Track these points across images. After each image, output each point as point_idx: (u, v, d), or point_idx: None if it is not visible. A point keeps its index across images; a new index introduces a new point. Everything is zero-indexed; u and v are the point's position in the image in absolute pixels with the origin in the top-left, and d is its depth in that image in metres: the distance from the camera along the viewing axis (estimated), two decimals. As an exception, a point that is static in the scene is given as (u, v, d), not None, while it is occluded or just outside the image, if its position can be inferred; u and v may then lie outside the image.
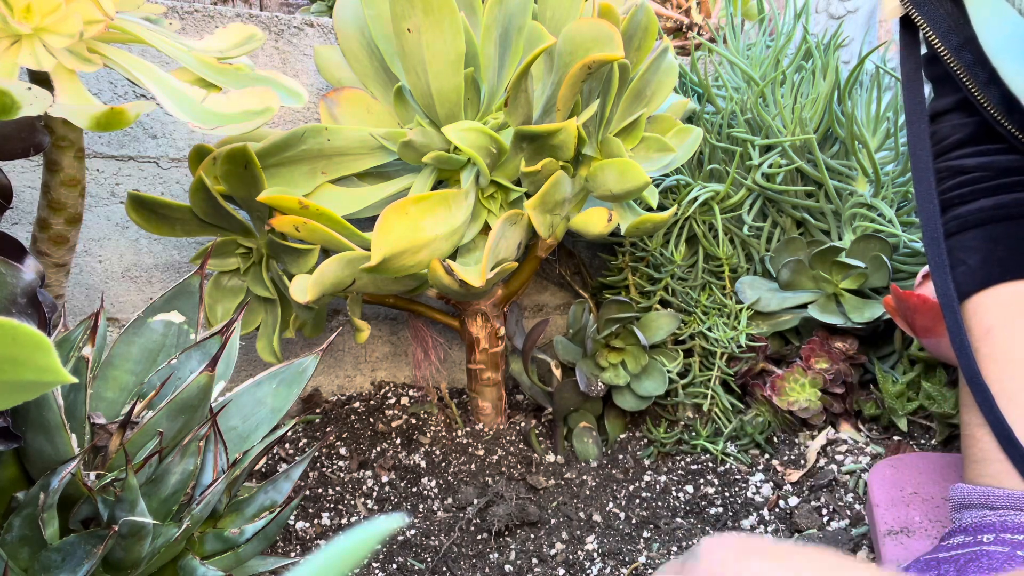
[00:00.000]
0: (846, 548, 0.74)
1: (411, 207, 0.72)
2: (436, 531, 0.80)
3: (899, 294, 0.75)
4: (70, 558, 0.50)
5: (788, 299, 0.94)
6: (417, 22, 0.71)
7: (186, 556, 0.57)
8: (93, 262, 0.92)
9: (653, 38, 0.83)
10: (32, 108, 0.51)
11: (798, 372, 0.89)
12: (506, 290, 0.93)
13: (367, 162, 0.84)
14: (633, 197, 0.83)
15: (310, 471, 0.89)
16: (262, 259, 0.85)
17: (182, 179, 0.94)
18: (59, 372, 0.32)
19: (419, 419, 0.99)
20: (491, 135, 0.76)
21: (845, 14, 1.34)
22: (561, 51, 0.74)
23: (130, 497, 0.50)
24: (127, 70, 0.59)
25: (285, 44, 0.95)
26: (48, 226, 0.67)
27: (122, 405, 0.61)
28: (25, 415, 0.51)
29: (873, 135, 0.95)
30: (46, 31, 0.55)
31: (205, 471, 0.57)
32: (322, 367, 1.05)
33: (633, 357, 0.94)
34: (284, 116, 0.96)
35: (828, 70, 0.95)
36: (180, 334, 0.64)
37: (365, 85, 0.87)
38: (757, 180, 0.97)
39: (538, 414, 1.02)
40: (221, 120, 0.59)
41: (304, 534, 0.80)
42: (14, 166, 0.86)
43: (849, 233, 0.95)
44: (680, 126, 0.89)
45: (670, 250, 1.00)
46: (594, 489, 0.88)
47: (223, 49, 0.69)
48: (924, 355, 0.87)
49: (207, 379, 0.54)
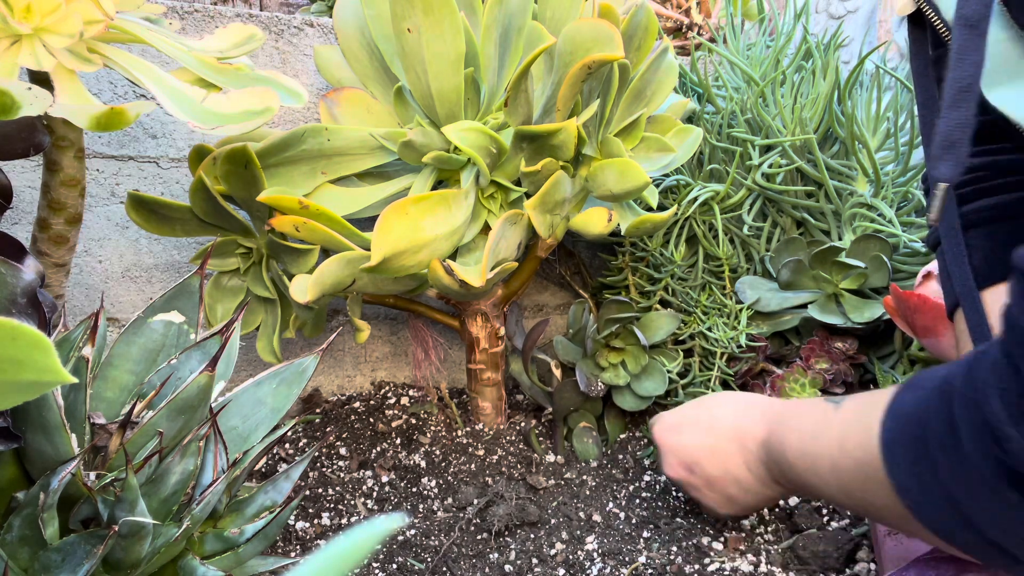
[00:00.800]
0: (846, 548, 0.74)
1: (411, 207, 0.72)
2: (436, 531, 0.80)
3: (899, 294, 0.75)
4: (70, 558, 0.50)
5: (788, 299, 0.94)
6: (417, 22, 0.71)
7: (186, 556, 0.57)
8: (93, 262, 0.92)
9: (653, 38, 0.83)
10: (32, 108, 0.51)
11: (798, 372, 0.89)
12: (506, 290, 0.93)
13: (367, 162, 0.84)
14: (633, 197, 0.83)
15: (310, 471, 0.89)
16: (262, 259, 0.85)
17: (182, 179, 0.94)
18: (59, 372, 0.32)
19: (419, 419, 0.99)
20: (491, 135, 0.76)
21: (845, 14, 1.34)
22: (561, 51, 0.74)
23: (130, 497, 0.50)
24: (127, 70, 0.59)
25: (285, 44, 0.95)
26: (48, 226, 0.67)
27: (122, 405, 0.61)
28: (25, 415, 0.51)
29: (873, 135, 0.95)
30: (46, 31, 0.55)
31: (205, 471, 0.57)
32: (322, 367, 1.05)
33: (633, 357, 0.94)
34: (284, 116, 0.96)
35: (828, 70, 0.95)
36: (180, 334, 0.64)
37: (365, 85, 0.87)
38: (757, 180, 0.97)
39: (538, 414, 1.02)
40: (221, 120, 0.59)
41: (304, 534, 0.80)
42: (14, 166, 0.86)
43: (849, 233, 0.95)
44: (680, 126, 0.89)
45: (670, 250, 1.00)
46: (594, 489, 0.88)
47: (223, 49, 0.69)
48: (924, 355, 0.86)
49: (207, 379, 0.54)
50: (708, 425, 0.73)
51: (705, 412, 0.75)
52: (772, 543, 0.77)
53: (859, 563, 0.73)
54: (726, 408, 0.74)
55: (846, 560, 0.73)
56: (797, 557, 0.75)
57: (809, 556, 0.74)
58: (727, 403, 0.74)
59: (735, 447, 0.70)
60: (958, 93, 0.49)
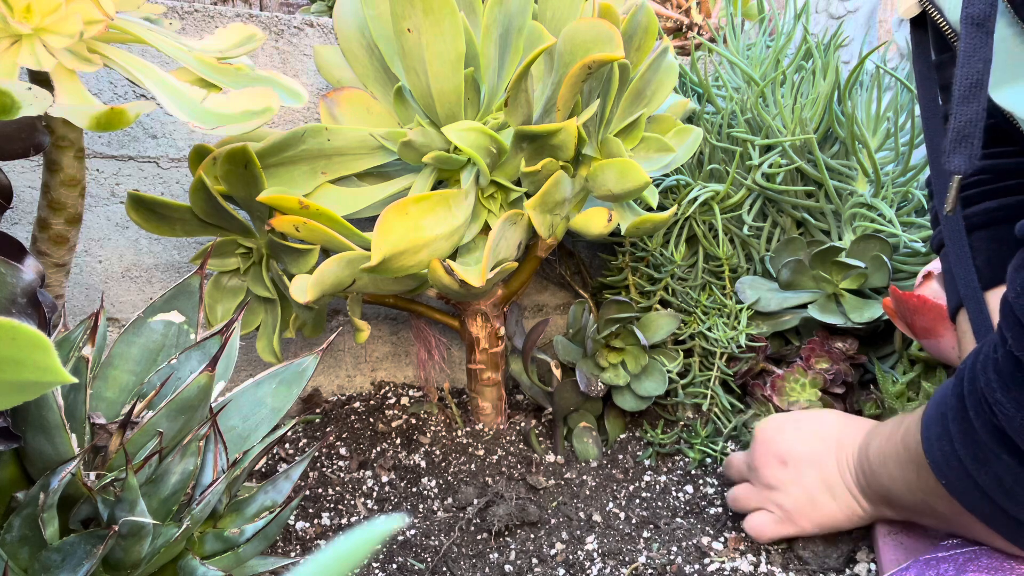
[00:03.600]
0: (846, 548, 0.74)
1: (411, 207, 0.72)
2: (436, 531, 0.80)
3: (898, 295, 0.74)
4: (70, 558, 0.50)
5: (788, 299, 0.94)
6: (417, 22, 0.71)
7: (186, 556, 0.57)
8: (93, 262, 0.92)
9: (653, 38, 0.83)
10: (32, 108, 0.51)
11: (799, 372, 0.89)
12: (506, 290, 0.93)
13: (367, 162, 0.84)
14: (633, 197, 0.83)
15: (310, 471, 0.89)
16: (262, 259, 0.85)
17: (182, 179, 0.94)
18: (59, 372, 0.32)
19: (419, 419, 0.99)
20: (491, 135, 0.76)
21: (845, 14, 1.34)
22: (561, 51, 0.74)
23: (130, 497, 0.50)
24: (127, 70, 0.59)
25: (285, 44, 0.95)
26: (48, 226, 0.67)
27: (122, 405, 0.61)
28: (25, 415, 0.51)
29: (873, 135, 0.95)
30: (46, 31, 0.55)
31: (205, 471, 0.57)
32: (322, 367, 1.05)
33: (633, 357, 0.94)
34: (284, 116, 0.96)
35: (828, 70, 0.95)
36: (180, 334, 0.64)
37: (365, 85, 0.87)
38: (757, 180, 0.97)
39: (538, 414, 1.02)
40: (221, 120, 0.59)
41: (304, 534, 0.80)
42: (14, 166, 0.86)
43: (849, 233, 0.95)
44: (680, 126, 0.89)
45: (670, 250, 1.00)
46: (594, 489, 0.88)
47: (223, 49, 0.69)
48: (924, 355, 0.86)
49: (207, 379, 0.54)
50: (813, 429, 0.74)
51: (813, 418, 0.76)
52: (772, 543, 0.77)
53: (859, 563, 0.73)
54: (832, 417, 0.75)
55: (846, 560, 0.73)
56: (797, 557, 0.75)
57: (809, 556, 0.74)
58: (833, 415, 0.76)
59: (834, 449, 0.71)
60: (968, 89, 0.50)
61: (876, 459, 0.66)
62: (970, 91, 0.50)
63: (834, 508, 0.71)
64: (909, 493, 0.62)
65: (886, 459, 0.64)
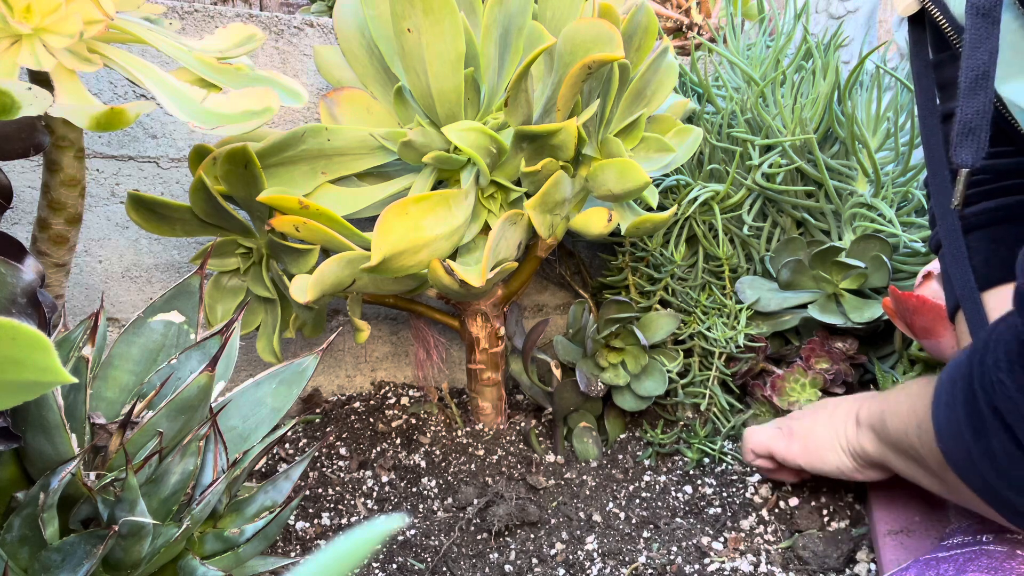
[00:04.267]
0: (846, 548, 0.74)
1: (411, 207, 0.72)
2: (436, 531, 0.80)
3: (898, 295, 0.74)
4: (70, 558, 0.50)
5: (788, 299, 0.94)
6: (417, 22, 0.71)
7: (186, 556, 0.57)
8: (93, 262, 0.92)
9: (653, 38, 0.83)
10: (32, 108, 0.51)
11: (798, 372, 0.89)
12: (506, 290, 0.93)
13: (367, 162, 0.84)
14: (633, 197, 0.83)
15: (310, 471, 0.89)
16: (262, 259, 0.85)
17: (182, 179, 0.94)
18: (59, 372, 0.32)
19: (419, 419, 0.99)
20: (491, 135, 0.76)
21: (845, 14, 1.34)
22: (561, 51, 0.74)
23: (130, 497, 0.50)
24: (127, 70, 0.59)
25: (285, 44, 0.95)
26: (48, 226, 0.67)
27: (122, 405, 0.61)
28: (25, 415, 0.51)
29: (873, 135, 0.95)
30: (46, 31, 0.55)
31: (205, 471, 0.57)
32: (322, 367, 1.05)
33: (633, 357, 0.94)
34: (284, 116, 0.96)
35: (828, 70, 0.95)
36: (180, 334, 0.64)
37: (365, 85, 0.87)
38: (757, 180, 0.97)
39: (538, 414, 1.02)
40: (221, 120, 0.59)
41: (304, 534, 0.80)
42: (14, 166, 0.86)
43: (849, 233, 0.95)
44: (680, 126, 0.89)
45: (670, 250, 1.00)
46: (594, 489, 0.88)
47: (223, 49, 0.69)
48: (924, 355, 0.86)
49: (207, 379, 0.54)
50: (826, 405, 0.79)
51: (829, 403, 0.80)
52: (772, 543, 0.77)
53: (859, 563, 0.73)
54: (845, 399, 0.79)
55: (846, 560, 0.73)
56: (797, 557, 0.75)
57: (809, 556, 0.74)
58: (848, 397, 0.80)
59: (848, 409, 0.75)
60: (974, 81, 0.50)
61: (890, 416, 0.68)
62: (976, 83, 0.50)
63: (826, 439, 0.75)
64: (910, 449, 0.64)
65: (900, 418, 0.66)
